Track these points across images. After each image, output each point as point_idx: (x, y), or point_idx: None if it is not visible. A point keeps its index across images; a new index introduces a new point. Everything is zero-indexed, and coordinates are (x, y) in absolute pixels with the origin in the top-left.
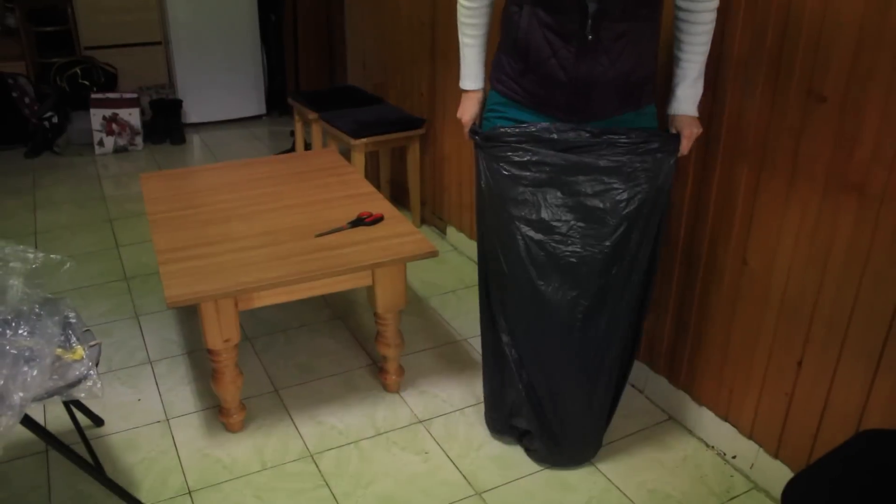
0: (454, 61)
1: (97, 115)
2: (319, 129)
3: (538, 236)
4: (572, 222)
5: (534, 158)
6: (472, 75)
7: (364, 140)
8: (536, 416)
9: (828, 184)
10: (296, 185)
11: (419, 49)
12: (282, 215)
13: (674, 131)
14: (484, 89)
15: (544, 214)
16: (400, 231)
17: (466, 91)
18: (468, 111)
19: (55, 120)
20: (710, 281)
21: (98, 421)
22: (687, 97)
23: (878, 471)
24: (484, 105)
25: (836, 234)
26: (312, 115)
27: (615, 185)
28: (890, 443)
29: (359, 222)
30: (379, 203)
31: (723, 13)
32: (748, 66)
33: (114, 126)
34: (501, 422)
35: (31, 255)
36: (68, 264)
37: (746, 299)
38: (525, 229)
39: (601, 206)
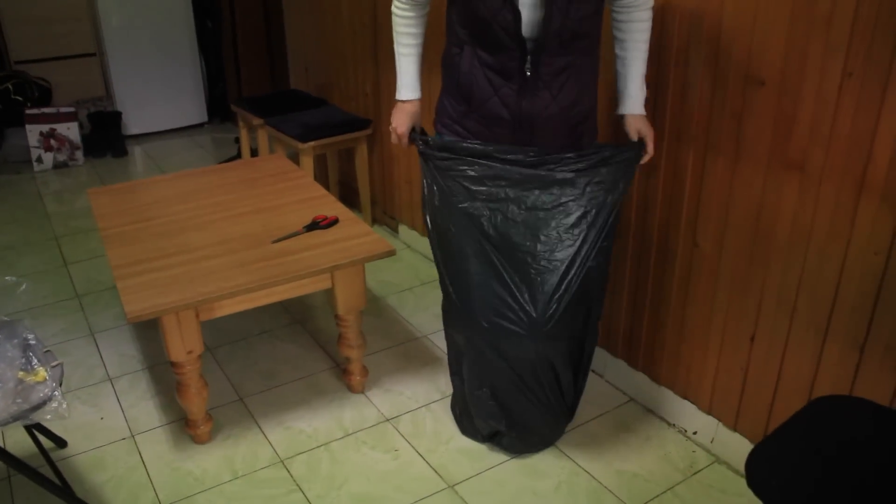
0: None
1: (34, 132)
2: (265, 134)
3: (497, 247)
4: (529, 234)
5: (489, 172)
6: (408, 85)
7: (312, 143)
8: (503, 414)
9: (770, 164)
10: (248, 193)
11: (362, 50)
12: (237, 223)
13: (632, 134)
14: (421, 100)
15: (502, 227)
16: (356, 232)
17: (402, 101)
18: (404, 122)
19: None
20: (662, 264)
21: (61, 443)
22: (638, 96)
23: (833, 434)
24: (420, 117)
25: (780, 212)
26: (257, 121)
27: (572, 198)
28: (841, 408)
29: (314, 226)
30: (332, 206)
31: (661, 2)
32: (688, 53)
33: (52, 142)
34: (470, 428)
35: None
36: (24, 286)
37: (699, 280)
38: (483, 241)
39: (558, 218)
